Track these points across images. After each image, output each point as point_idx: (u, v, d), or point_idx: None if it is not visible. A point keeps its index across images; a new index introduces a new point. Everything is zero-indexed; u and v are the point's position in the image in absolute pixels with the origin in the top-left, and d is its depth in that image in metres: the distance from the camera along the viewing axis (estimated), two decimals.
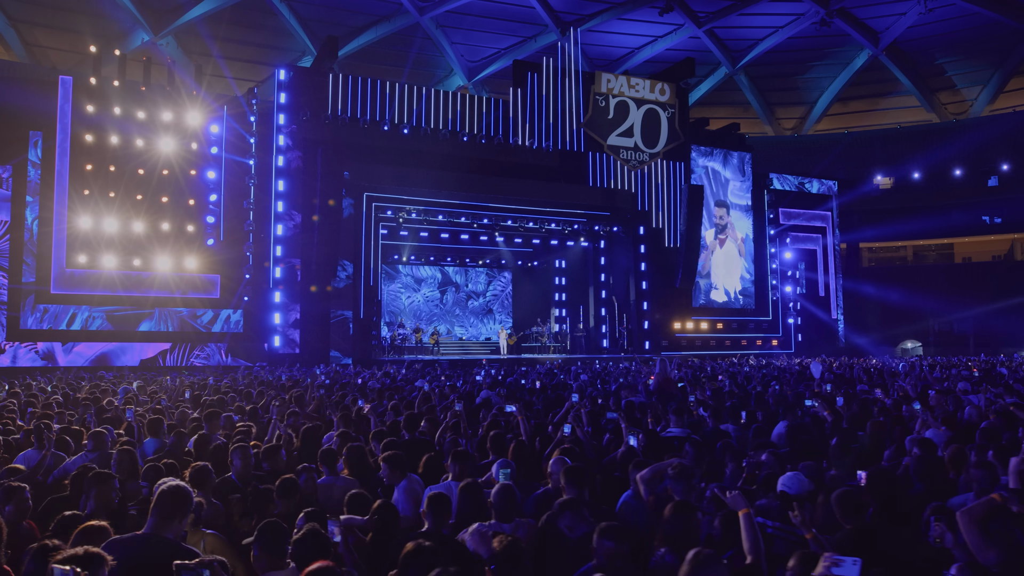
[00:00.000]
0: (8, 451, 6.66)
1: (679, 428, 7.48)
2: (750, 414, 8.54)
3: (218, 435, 7.27)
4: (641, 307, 29.56)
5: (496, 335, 32.94)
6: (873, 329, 35.51)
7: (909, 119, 46.81)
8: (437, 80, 45.17)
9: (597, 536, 3.54)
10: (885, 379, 13.84)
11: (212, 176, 24.60)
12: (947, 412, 8.28)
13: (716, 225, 32.20)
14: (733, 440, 6.95)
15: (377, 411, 8.25)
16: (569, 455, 5.38)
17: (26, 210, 22.98)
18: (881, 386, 12.13)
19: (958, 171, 41.88)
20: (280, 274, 24.63)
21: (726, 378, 13.65)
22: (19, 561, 3.33)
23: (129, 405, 8.68)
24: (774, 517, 4.24)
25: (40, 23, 36.74)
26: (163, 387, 12.97)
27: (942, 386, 11.59)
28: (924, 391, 10.25)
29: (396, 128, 26.08)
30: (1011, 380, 13.35)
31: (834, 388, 11.22)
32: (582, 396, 10.23)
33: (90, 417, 8.33)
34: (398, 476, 5.46)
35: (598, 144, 29.06)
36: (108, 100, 23.42)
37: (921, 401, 8.87)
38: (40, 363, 22.72)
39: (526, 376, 15.49)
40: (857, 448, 5.67)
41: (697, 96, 47.20)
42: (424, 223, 28.90)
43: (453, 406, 8.41)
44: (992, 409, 8.35)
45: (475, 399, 10.31)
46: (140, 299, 23.89)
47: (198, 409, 9.05)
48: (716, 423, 8.07)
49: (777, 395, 10.66)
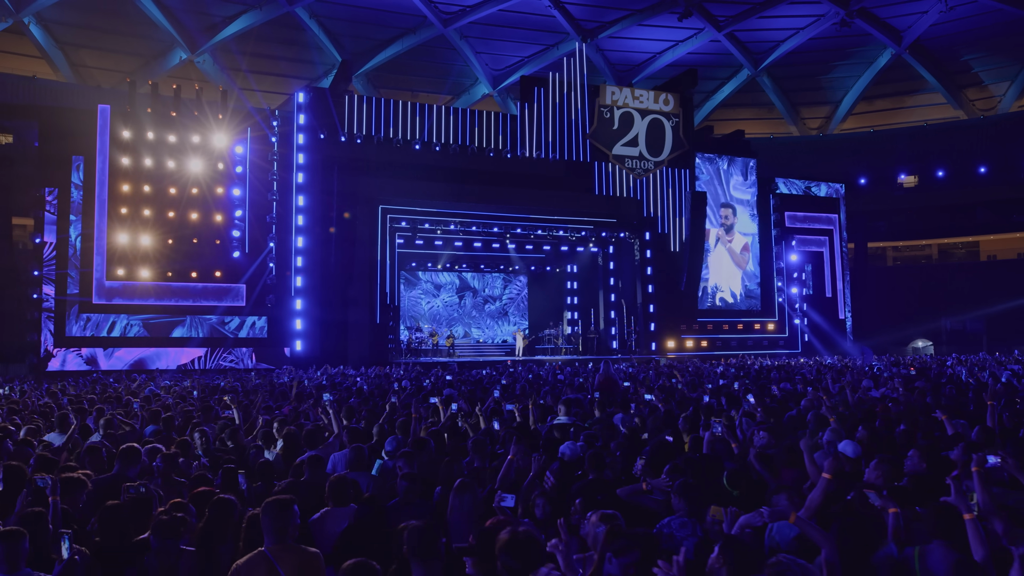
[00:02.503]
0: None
1: (567, 417, 9.50)
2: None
3: (211, 425, 9.53)
4: (648, 310, 31.45)
5: (511, 337, 35.12)
6: (883, 329, 36.73)
7: (937, 116, 47.53)
8: (463, 89, 47.50)
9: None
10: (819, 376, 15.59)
11: (237, 193, 27.26)
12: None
13: (723, 225, 33.89)
14: (621, 431, 8.84)
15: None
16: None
17: (70, 228, 25.87)
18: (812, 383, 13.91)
19: (984, 168, 42.68)
20: (301, 283, 27.15)
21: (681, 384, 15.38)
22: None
23: (137, 399, 11.05)
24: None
25: (85, 45, 40.00)
26: (176, 389, 15.42)
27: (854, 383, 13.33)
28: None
29: (408, 144, 28.43)
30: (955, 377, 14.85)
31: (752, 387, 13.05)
32: (526, 394, 12.32)
33: (108, 409, 10.70)
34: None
35: (604, 154, 31.03)
36: (142, 126, 26.20)
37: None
38: (84, 367, 25.54)
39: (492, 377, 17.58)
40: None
41: (720, 98, 48.75)
42: (438, 233, 31.18)
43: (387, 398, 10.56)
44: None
45: (420, 394, 12.43)
46: (173, 308, 26.65)
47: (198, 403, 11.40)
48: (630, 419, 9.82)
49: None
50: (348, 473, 6.16)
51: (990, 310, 36.26)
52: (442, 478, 6.17)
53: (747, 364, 22.54)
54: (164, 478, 5.85)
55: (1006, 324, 35.27)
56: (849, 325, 36.70)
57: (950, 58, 45.09)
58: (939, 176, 43.96)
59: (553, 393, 13.03)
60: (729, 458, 6.41)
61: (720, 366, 21.76)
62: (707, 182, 33.67)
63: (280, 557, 3.90)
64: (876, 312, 38.09)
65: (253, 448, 7.79)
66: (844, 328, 36.30)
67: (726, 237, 33.96)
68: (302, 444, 7.38)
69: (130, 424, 9.06)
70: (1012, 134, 43.13)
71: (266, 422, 9.14)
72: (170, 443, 7.82)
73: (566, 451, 6.59)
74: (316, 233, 27.30)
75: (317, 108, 27.55)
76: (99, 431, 8.52)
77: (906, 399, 10.64)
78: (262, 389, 13.98)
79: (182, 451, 6.99)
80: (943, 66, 45.62)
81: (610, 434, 8.01)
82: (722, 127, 46.64)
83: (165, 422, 8.85)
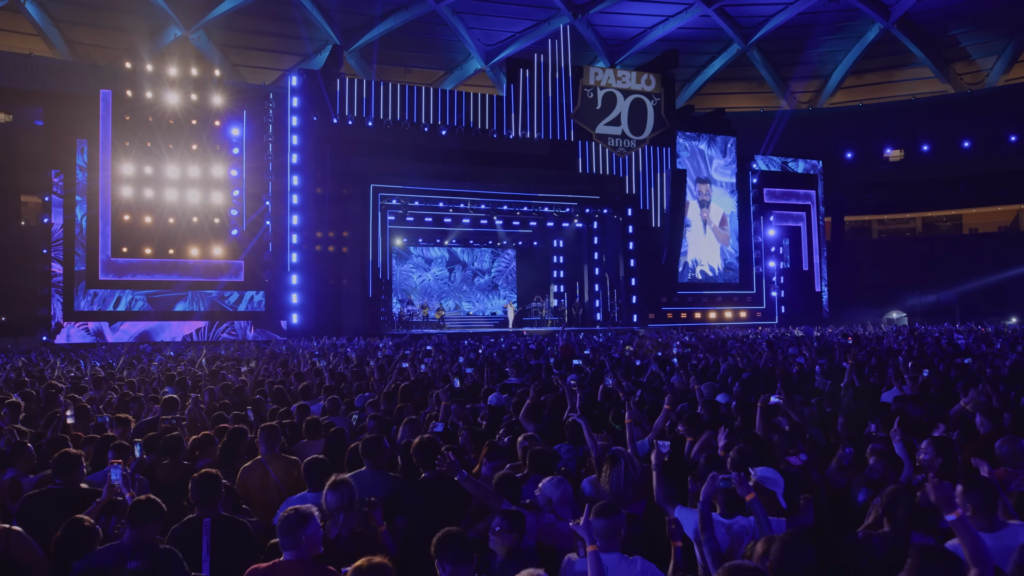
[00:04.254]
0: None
1: (516, 379, 11.60)
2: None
3: (216, 388, 11.63)
4: (630, 283, 33.57)
5: (502, 310, 37.30)
6: (859, 301, 38.81)
7: (925, 90, 49.10)
8: (455, 64, 49.12)
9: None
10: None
11: (234, 174, 29.24)
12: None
13: (700, 201, 35.90)
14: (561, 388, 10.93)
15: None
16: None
17: (76, 208, 27.90)
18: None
19: (968, 142, 44.46)
20: (296, 259, 29.23)
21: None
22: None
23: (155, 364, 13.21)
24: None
25: (80, 22, 41.49)
26: (183, 357, 17.56)
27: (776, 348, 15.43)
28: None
29: (398, 125, 30.36)
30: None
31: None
32: (491, 360, 14.43)
33: (132, 373, 12.82)
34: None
35: (587, 133, 32.95)
36: (142, 110, 28.14)
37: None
38: (91, 340, 27.71)
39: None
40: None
41: (711, 73, 50.34)
42: (428, 210, 33.22)
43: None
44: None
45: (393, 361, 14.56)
46: (175, 283, 28.77)
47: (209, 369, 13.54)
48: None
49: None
50: (323, 418, 8.25)
51: (967, 283, 38.27)
52: (397, 419, 8.28)
53: (708, 336, 24.57)
54: (190, 419, 7.93)
55: (981, 296, 37.31)
56: (825, 298, 38.85)
57: (938, 32, 46.54)
58: (924, 150, 45.73)
59: (521, 360, 15.15)
60: (619, 405, 8.50)
61: (688, 336, 23.84)
62: (687, 159, 35.58)
63: (271, 463, 5.99)
64: (853, 285, 40.15)
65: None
66: (820, 301, 38.43)
67: (705, 212, 35.97)
68: (293, 398, 9.49)
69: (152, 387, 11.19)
70: (997, 108, 44.79)
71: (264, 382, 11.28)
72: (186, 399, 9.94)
73: (492, 400, 8.70)
74: (310, 212, 29.31)
75: (310, 91, 29.41)
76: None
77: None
78: (263, 357, 16.11)
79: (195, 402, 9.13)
80: (931, 40, 47.10)
81: (544, 389, 10.11)
82: (712, 101, 48.39)
83: (179, 383, 10.97)
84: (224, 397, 9.86)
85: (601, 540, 3.73)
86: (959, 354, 13.71)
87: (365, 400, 9.42)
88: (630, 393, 8.50)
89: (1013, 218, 44.26)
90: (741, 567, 2.94)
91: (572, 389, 7.55)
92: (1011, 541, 3.52)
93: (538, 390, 7.96)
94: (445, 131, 30.91)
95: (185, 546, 4.16)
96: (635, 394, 8.67)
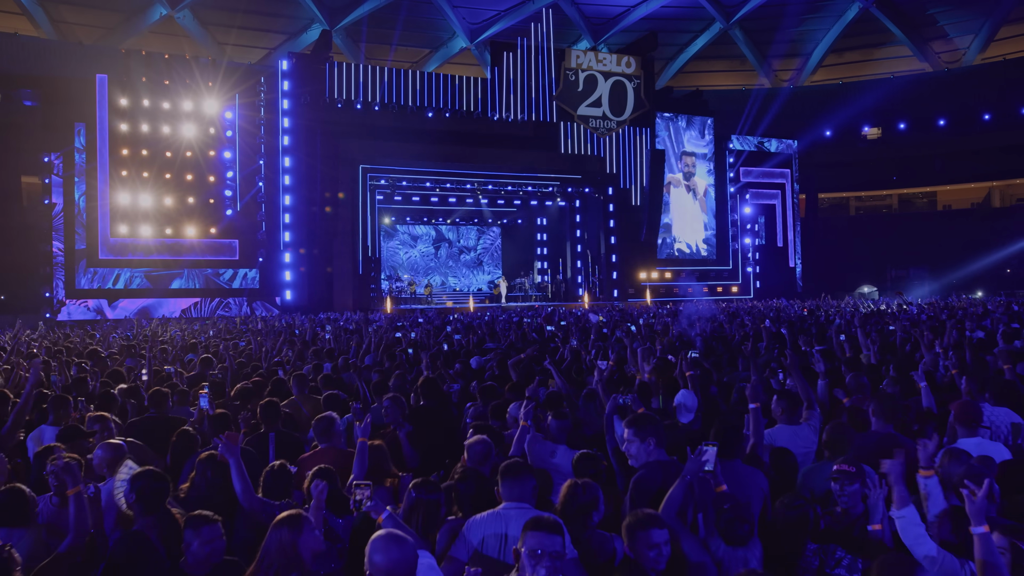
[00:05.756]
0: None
1: (493, 343, 13.60)
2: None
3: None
4: (611, 259, 35.68)
5: (488, 286, 39.35)
6: (833, 275, 41.06)
7: (904, 69, 51.01)
8: (441, 43, 50.59)
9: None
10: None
11: (228, 156, 30.99)
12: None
13: (685, 172, 37.93)
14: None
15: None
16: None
17: (75, 189, 29.60)
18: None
19: (943, 120, 46.52)
20: (289, 238, 31.09)
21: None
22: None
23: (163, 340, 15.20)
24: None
25: (65, 0, 42.73)
26: (193, 329, 19.51)
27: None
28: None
29: (386, 108, 32.12)
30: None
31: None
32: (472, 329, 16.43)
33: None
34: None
35: (569, 114, 34.84)
36: (138, 94, 29.79)
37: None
38: (93, 316, 29.52)
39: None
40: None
41: (693, 51, 52.06)
42: (415, 190, 35.11)
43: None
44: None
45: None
46: (172, 262, 30.58)
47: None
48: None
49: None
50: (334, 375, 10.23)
51: (939, 258, 40.57)
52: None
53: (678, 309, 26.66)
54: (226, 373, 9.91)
55: (951, 270, 39.62)
56: (799, 272, 41.10)
57: (916, 11, 48.29)
58: (901, 128, 47.74)
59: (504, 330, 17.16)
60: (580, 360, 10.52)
61: (657, 308, 25.95)
62: (667, 140, 37.57)
63: (303, 401, 7.98)
64: (828, 260, 42.39)
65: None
66: (794, 276, 40.69)
67: (687, 182, 38.06)
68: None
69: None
70: (972, 87, 46.77)
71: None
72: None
73: (472, 362, 10.70)
74: (302, 192, 31.12)
75: (300, 75, 31.11)
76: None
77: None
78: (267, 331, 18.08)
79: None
80: (909, 19, 48.89)
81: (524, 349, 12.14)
82: (695, 79, 50.11)
83: (204, 349, 12.94)
84: (240, 358, 11.86)
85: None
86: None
87: (372, 360, 11.41)
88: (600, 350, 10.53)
89: (985, 195, 46.48)
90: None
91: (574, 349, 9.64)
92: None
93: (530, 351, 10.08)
94: (432, 113, 32.71)
95: (259, 448, 6.14)
96: (592, 352, 10.68)
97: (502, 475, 4.13)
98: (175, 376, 8.76)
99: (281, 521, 3.69)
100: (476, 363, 10.64)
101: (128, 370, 9.50)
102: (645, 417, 4.78)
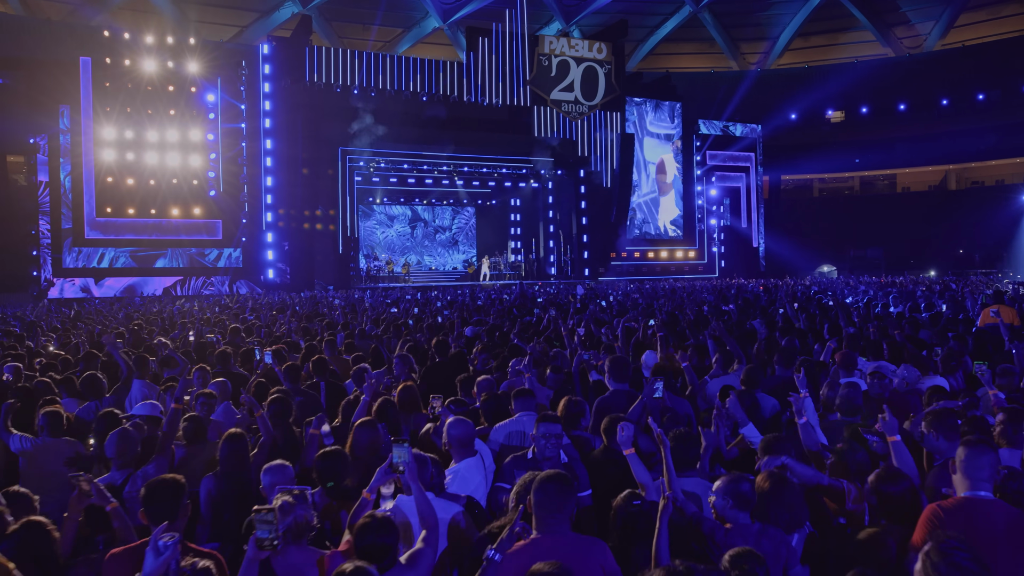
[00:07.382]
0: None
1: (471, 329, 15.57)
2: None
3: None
4: (582, 239, 37.79)
5: (462, 264, 41.32)
6: (795, 255, 43.58)
7: (868, 53, 53.42)
8: (413, 23, 52.04)
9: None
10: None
11: (211, 138, 32.51)
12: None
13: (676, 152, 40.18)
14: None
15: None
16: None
17: (60, 170, 30.97)
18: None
19: (903, 105, 49.06)
20: (271, 218, 32.75)
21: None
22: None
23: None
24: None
25: None
26: (191, 306, 21.26)
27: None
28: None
29: (365, 91, 33.77)
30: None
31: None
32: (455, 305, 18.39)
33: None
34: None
35: (543, 99, 36.76)
36: (121, 77, 31.15)
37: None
38: (80, 295, 30.99)
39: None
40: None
41: (663, 34, 54.01)
42: (392, 171, 36.87)
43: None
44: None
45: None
46: (157, 241, 32.11)
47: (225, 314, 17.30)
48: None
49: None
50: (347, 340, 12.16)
51: (894, 239, 43.22)
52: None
53: (647, 287, 28.90)
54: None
55: (905, 250, 42.30)
56: (762, 251, 43.58)
57: None
58: (864, 112, 50.23)
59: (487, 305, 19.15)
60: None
61: (629, 287, 28.16)
62: (635, 123, 39.66)
63: (334, 361, 9.93)
64: (790, 240, 44.90)
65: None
66: (757, 255, 43.17)
67: (655, 170, 40.28)
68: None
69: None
70: (931, 72, 49.32)
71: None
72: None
73: (467, 331, 12.71)
74: (283, 173, 32.77)
75: (280, 59, 32.67)
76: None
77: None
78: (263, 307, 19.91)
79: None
80: (873, 5, 51.24)
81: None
82: (665, 61, 52.15)
83: (216, 325, 14.80)
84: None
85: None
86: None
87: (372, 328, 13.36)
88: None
89: (941, 178, 49.20)
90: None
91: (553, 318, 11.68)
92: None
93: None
94: (409, 96, 34.44)
95: (312, 394, 8.09)
96: (571, 321, 12.74)
97: (515, 397, 6.15)
98: (218, 343, 10.66)
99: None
100: (471, 332, 12.63)
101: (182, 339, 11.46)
102: (620, 360, 6.90)
